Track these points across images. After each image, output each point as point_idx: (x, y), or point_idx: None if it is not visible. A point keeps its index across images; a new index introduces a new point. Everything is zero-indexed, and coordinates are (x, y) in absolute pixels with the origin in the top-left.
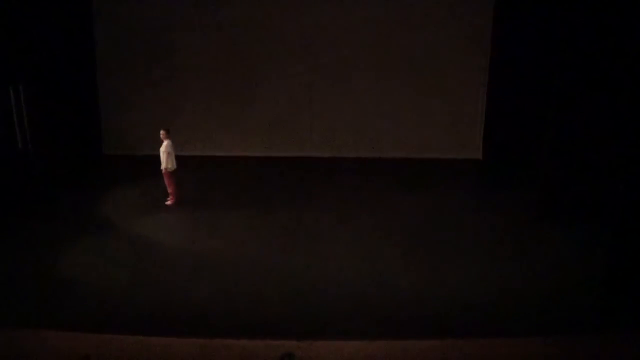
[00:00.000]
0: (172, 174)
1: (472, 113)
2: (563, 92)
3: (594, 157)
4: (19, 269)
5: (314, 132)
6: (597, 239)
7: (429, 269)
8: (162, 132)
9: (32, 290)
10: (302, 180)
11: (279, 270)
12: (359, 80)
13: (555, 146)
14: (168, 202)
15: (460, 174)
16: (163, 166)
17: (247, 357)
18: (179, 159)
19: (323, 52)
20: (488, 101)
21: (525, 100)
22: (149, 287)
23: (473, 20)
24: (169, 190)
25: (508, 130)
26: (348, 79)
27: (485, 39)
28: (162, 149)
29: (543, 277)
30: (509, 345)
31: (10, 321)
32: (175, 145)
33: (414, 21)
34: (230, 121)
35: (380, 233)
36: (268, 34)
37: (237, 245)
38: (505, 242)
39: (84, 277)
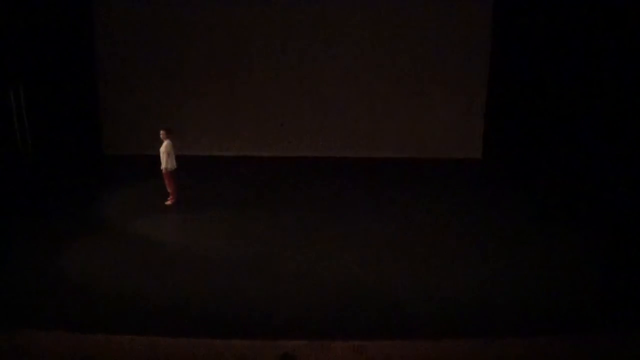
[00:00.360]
0: (172, 174)
1: (472, 113)
2: (563, 92)
3: (594, 157)
4: (19, 269)
5: (314, 133)
6: (597, 239)
7: (429, 268)
8: (162, 132)
9: (32, 290)
10: (302, 180)
11: (280, 271)
12: (359, 80)
13: (555, 146)
14: (168, 202)
15: (460, 174)
16: (163, 166)
17: (247, 357)
18: (179, 159)
19: (324, 53)
20: (488, 101)
21: (525, 100)
22: (149, 287)
23: (473, 21)
24: (169, 190)
25: (508, 130)
26: (348, 79)
27: (485, 39)
28: (162, 149)
29: (543, 277)
30: (509, 345)
31: (10, 321)
32: (175, 145)
33: (413, 21)
34: (230, 121)
35: (380, 233)
36: (269, 33)
37: (237, 246)
38: (505, 242)
39: (84, 277)
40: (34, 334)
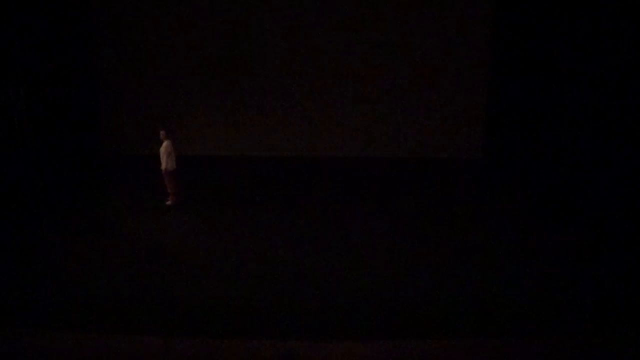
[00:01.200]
0: (172, 174)
1: (472, 113)
2: (562, 92)
3: (593, 157)
4: (19, 269)
5: (314, 132)
6: (597, 239)
7: (428, 268)
8: (162, 132)
9: (32, 290)
10: (302, 180)
11: (279, 271)
12: (360, 80)
13: (554, 146)
14: (168, 203)
15: (460, 174)
16: (163, 166)
17: (247, 357)
18: (179, 158)
19: (324, 53)
20: (488, 101)
21: (526, 100)
22: (149, 287)
23: (473, 20)
24: (169, 190)
25: (508, 130)
26: (348, 79)
27: (485, 39)
28: (162, 149)
29: (542, 277)
30: (509, 346)
31: (10, 321)
32: (175, 145)
33: (414, 22)
34: (230, 121)
35: (379, 233)
36: (269, 32)
37: (237, 246)
38: (505, 242)
39: (84, 277)
40: (34, 334)
